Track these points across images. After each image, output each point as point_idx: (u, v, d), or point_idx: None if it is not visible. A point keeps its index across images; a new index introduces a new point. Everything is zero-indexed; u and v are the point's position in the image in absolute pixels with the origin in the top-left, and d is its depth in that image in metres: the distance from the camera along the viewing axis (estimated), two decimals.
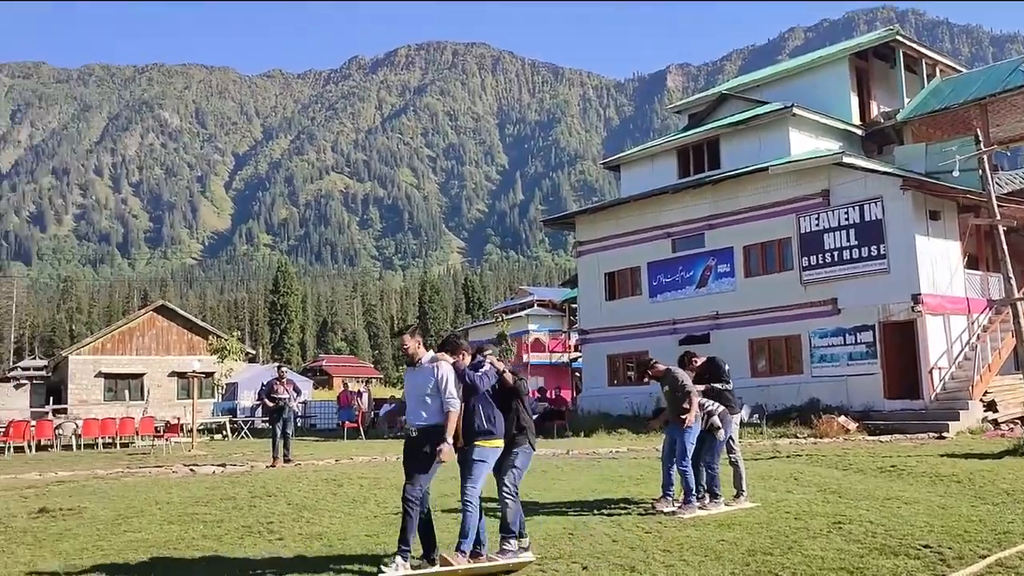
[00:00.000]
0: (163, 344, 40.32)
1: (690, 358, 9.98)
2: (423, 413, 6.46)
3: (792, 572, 6.19)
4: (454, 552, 6.43)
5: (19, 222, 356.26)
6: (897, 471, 12.02)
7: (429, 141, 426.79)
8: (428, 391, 6.45)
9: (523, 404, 7.04)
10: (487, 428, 6.59)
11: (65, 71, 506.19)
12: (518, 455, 6.96)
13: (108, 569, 6.77)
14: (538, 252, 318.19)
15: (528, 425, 7.06)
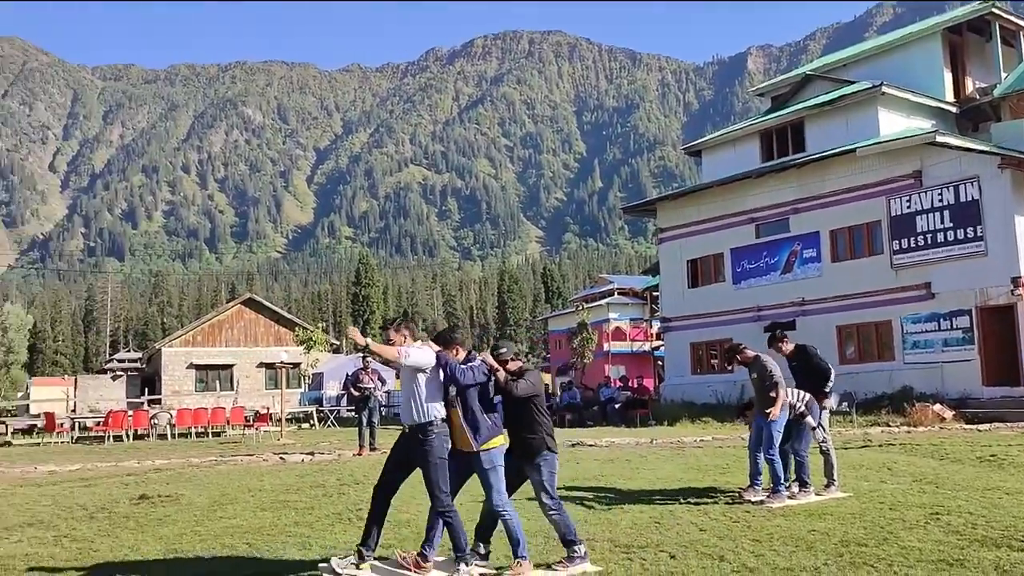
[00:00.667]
0: (251, 336, 41.33)
1: (781, 338, 9.74)
2: (412, 409, 6.01)
3: (888, 564, 6.00)
4: (515, 562, 6.05)
5: (112, 219, 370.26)
6: (997, 461, 11.56)
7: (506, 131, 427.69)
8: (414, 384, 6.01)
9: (537, 406, 6.39)
10: (487, 431, 6.05)
11: (153, 72, 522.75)
12: (541, 467, 6.39)
13: (206, 553, 6.97)
14: (617, 240, 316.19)
15: (546, 428, 6.45)
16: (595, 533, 7.23)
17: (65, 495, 11.13)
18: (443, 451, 5.97)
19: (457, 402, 6.01)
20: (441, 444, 5.94)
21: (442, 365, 5.94)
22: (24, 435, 26.48)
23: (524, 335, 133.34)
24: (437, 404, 5.98)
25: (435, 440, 5.90)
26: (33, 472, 14.57)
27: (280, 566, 6.44)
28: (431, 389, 5.98)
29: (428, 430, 5.90)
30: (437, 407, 5.98)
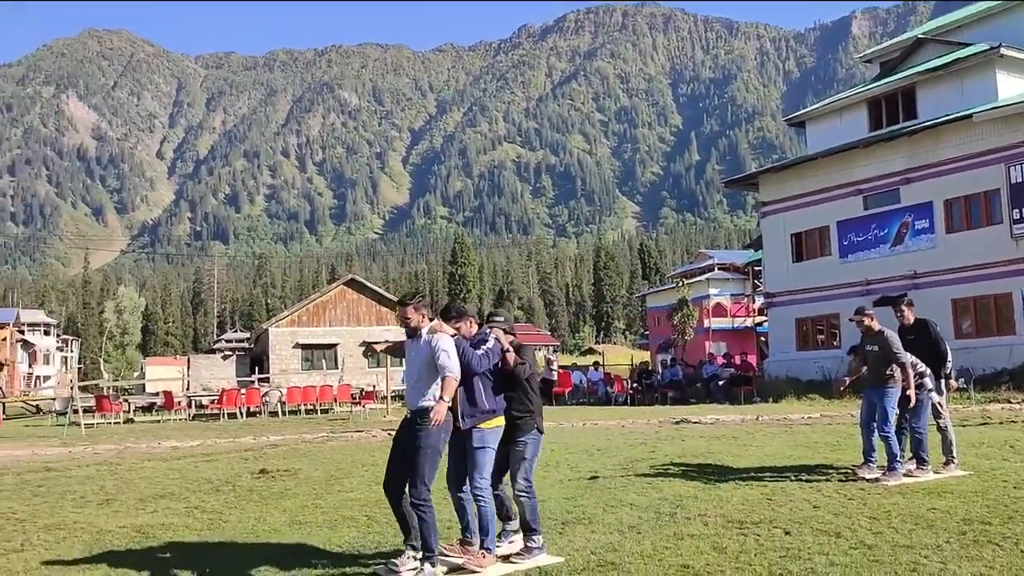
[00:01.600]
0: (354, 316, 42.24)
1: (906, 304, 9.41)
2: (421, 393, 5.58)
3: (1015, 542, 5.81)
4: (480, 552, 5.67)
5: (216, 204, 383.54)
6: None
7: (600, 105, 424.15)
8: (426, 367, 5.54)
9: (530, 384, 6.08)
10: (487, 408, 5.71)
11: (252, 58, 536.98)
12: (527, 445, 6.08)
13: (328, 524, 7.25)
14: (716, 214, 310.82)
15: (536, 407, 6.13)
16: (706, 509, 7.22)
17: (190, 469, 11.70)
18: (439, 442, 5.57)
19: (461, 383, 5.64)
20: (439, 433, 5.53)
21: (459, 353, 5.56)
22: (144, 412, 27.80)
23: (621, 312, 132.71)
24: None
25: (434, 427, 5.48)
26: (157, 447, 15.37)
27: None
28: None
29: (428, 416, 5.48)
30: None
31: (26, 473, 11.79)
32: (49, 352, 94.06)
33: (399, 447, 5.71)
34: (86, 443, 16.73)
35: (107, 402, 24.09)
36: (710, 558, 5.65)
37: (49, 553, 6.65)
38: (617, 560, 5.65)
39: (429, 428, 5.44)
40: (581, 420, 17.59)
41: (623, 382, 25.52)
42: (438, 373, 5.45)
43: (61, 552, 6.67)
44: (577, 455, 11.20)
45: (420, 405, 5.53)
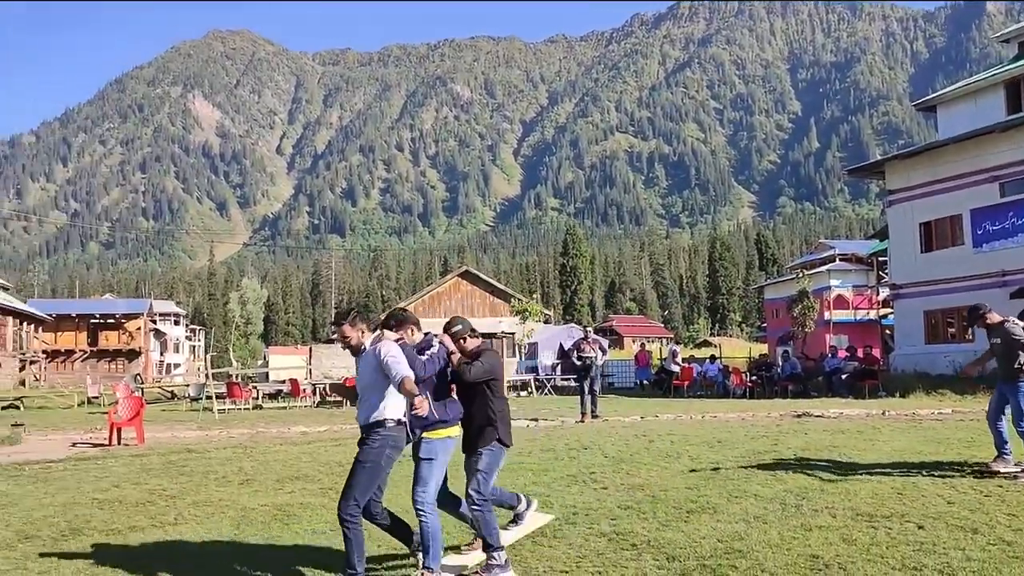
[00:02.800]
0: (468, 307, 42.91)
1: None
2: (372, 407, 5.27)
3: None
4: (421, 572, 5.32)
5: (333, 198, 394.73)
6: None
7: (715, 93, 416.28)
8: (376, 378, 5.24)
9: (491, 390, 5.75)
10: (435, 417, 5.40)
11: (367, 55, 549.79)
12: (482, 456, 5.75)
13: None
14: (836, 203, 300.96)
15: (497, 416, 5.77)
16: (833, 502, 7.14)
17: (321, 453, 12.21)
18: (383, 458, 5.25)
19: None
20: (383, 449, 5.24)
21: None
22: (271, 399, 29.01)
23: (737, 304, 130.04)
24: (395, 402, 5.30)
25: (378, 443, 5.21)
26: (288, 432, 16.07)
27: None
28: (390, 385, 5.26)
29: (376, 432, 5.26)
30: (394, 406, 5.30)
31: (169, 454, 12.55)
32: (179, 341, 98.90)
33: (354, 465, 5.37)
34: (220, 427, 17.64)
35: (237, 389, 25.25)
36: (840, 549, 5.61)
37: (201, 527, 7.13)
38: (744, 548, 5.68)
39: (372, 442, 5.22)
40: (700, 413, 17.44)
41: (742, 375, 25.12)
42: (388, 382, 5.16)
43: (211, 527, 7.14)
44: (698, 447, 11.16)
45: (371, 419, 5.26)
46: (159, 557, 6.14)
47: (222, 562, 5.97)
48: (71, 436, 16.50)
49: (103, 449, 13.73)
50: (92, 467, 11.29)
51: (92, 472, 10.76)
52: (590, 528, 6.52)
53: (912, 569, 5.11)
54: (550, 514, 6.90)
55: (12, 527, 7.30)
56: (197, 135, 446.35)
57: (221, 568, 5.80)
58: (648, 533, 6.25)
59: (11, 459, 12.44)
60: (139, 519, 7.53)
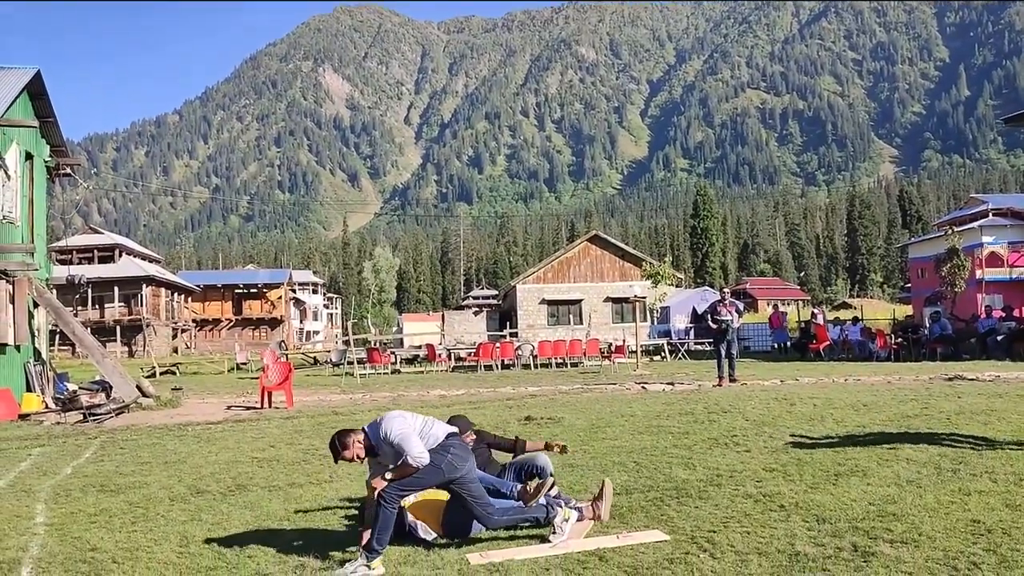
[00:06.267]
0: (597, 271, 42.80)
1: None
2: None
3: None
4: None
5: (460, 166, 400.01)
6: None
7: (853, 43, 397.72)
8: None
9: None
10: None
11: (491, 20, 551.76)
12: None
13: (598, 468, 7.60)
14: (989, 154, 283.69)
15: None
16: (993, 466, 6.84)
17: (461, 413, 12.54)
18: (443, 462, 5.20)
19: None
20: (444, 457, 5.23)
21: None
22: (408, 364, 29.87)
23: (878, 264, 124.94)
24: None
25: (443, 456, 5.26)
26: (427, 395, 16.57)
27: (672, 483, 6.85)
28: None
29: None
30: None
31: (318, 416, 13.17)
32: (317, 309, 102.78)
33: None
34: (363, 391, 18.34)
35: (377, 354, 26.14)
36: (1003, 515, 5.39)
37: (354, 484, 7.47)
38: (898, 512, 5.54)
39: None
40: (843, 376, 16.93)
41: (886, 337, 24.16)
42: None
43: (363, 485, 7.47)
44: (842, 410, 10.88)
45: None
46: (318, 512, 6.50)
47: None
48: (225, 400, 17.54)
49: (256, 412, 14.54)
50: (248, 428, 11.99)
51: (249, 433, 11.43)
52: (735, 489, 6.48)
53: None
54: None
55: (184, 482, 7.88)
56: (328, 108, 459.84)
57: None
58: (795, 495, 6.17)
59: (175, 420, 13.37)
60: (297, 476, 7.97)
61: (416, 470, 5.12)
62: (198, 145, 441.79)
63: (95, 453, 10.10)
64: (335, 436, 5.34)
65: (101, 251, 60.35)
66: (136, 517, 6.50)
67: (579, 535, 5.39)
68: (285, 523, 6.12)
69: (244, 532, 5.87)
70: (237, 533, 5.83)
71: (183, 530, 6.00)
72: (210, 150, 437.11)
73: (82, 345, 17.87)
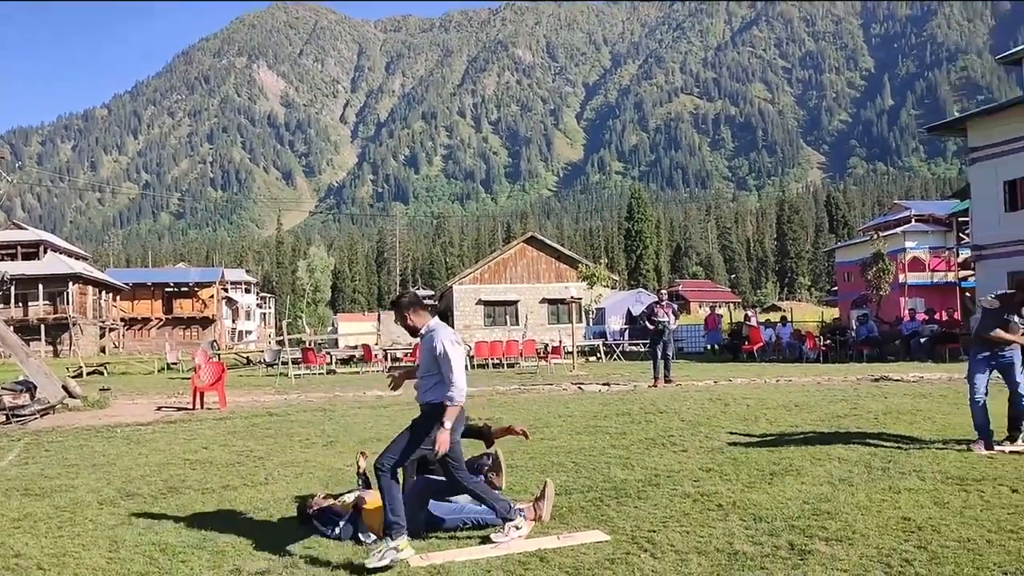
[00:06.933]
0: (533, 273, 42.90)
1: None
2: (427, 388, 5.32)
3: None
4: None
5: (396, 165, 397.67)
6: None
7: (783, 51, 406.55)
8: (432, 366, 5.28)
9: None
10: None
11: (429, 20, 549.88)
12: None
13: (538, 468, 7.60)
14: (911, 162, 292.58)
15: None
16: (921, 465, 7.06)
17: (398, 416, 12.40)
18: (430, 431, 5.25)
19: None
20: (433, 424, 5.26)
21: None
22: (344, 364, 29.54)
23: (806, 267, 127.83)
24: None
25: (432, 420, 5.27)
26: (364, 396, 16.42)
27: (611, 484, 6.88)
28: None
29: (432, 410, 5.31)
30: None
31: (252, 417, 12.92)
32: (250, 308, 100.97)
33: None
34: (298, 392, 18.08)
35: (312, 354, 25.79)
36: (932, 512, 5.55)
37: (291, 486, 7.35)
38: (832, 510, 5.66)
39: (428, 421, 5.26)
40: (775, 377, 17.26)
41: (815, 339, 24.74)
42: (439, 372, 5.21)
43: (300, 486, 7.35)
44: (775, 411, 11.09)
45: (428, 401, 5.32)
46: (254, 513, 6.36)
47: None
48: (155, 400, 17.10)
49: (188, 413, 14.20)
50: (180, 430, 11.70)
51: (180, 434, 11.15)
52: (674, 489, 6.54)
53: (1009, 532, 5.03)
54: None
55: (113, 485, 7.64)
56: (262, 105, 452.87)
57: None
58: (733, 495, 6.26)
59: (103, 422, 12.97)
60: (231, 479, 7.80)
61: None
62: (127, 140, 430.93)
63: (19, 456, 9.74)
64: (409, 293, 5.51)
65: (25, 247, 58.41)
66: (63, 522, 6.28)
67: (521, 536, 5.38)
68: (219, 526, 5.96)
69: (177, 536, 5.71)
70: (169, 537, 5.67)
71: (113, 535, 5.82)
72: (140, 145, 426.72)
73: (4, 344, 17.25)
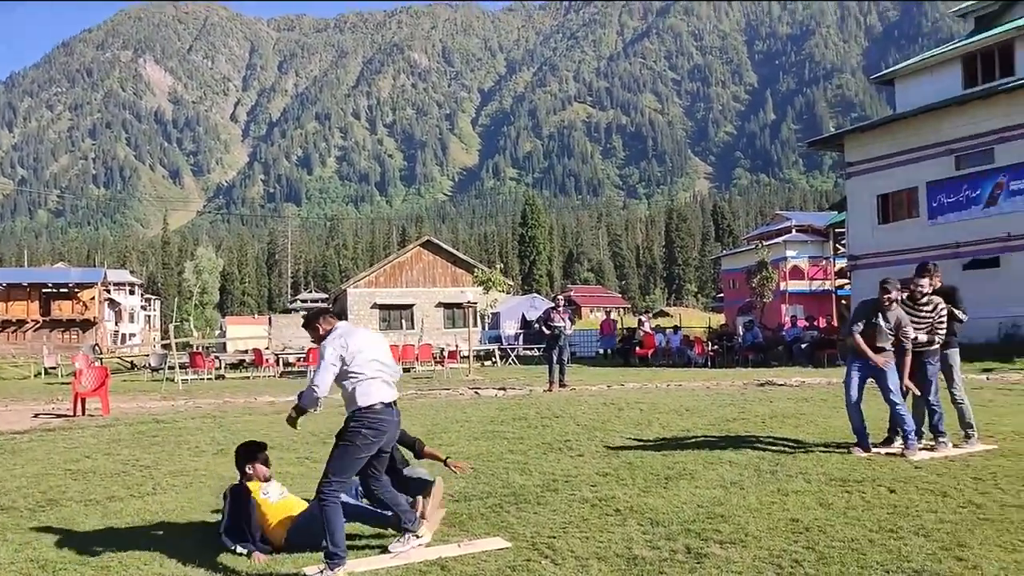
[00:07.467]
0: (429, 277, 42.81)
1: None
2: (344, 394, 5.29)
3: None
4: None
5: (289, 166, 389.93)
6: None
7: (673, 64, 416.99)
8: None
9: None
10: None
11: (323, 21, 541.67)
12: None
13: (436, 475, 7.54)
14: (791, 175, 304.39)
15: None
16: (806, 467, 7.32)
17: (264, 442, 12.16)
18: (358, 438, 5.22)
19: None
20: (359, 431, 5.21)
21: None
22: (233, 369, 28.74)
23: (693, 274, 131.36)
24: (368, 388, 5.23)
25: (354, 425, 5.22)
26: (255, 402, 15.99)
27: (510, 489, 6.90)
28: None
29: (353, 416, 5.28)
30: (366, 393, 5.23)
31: (137, 424, 12.41)
32: (134, 310, 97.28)
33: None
34: (185, 397, 17.48)
35: (200, 359, 25.01)
36: (817, 513, 5.77)
37: (180, 496, 7.10)
38: (725, 513, 5.81)
39: (350, 426, 5.22)
40: (666, 382, 17.68)
41: (703, 344, 25.47)
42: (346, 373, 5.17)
43: (191, 496, 7.11)
44: (667, 415, 11.34)
45: (347, 408, 5.30)
46: (141, 526, 6.12)
47: (207, 530, 5.96)
48: (32, 407, 16.25)
49: (68, 420, 13.55)
50: (59, 438, 11.15)
51: (60, 443, 10.63)
52: (572, 494, 6.61)
53: (889, 531, 5.27)
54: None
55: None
56: (149, 101, 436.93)
57: (206, 535, 5.79)
58: (630, 499, 6.36)
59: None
60: (116, 489, 7.48)
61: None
62: (2, 134, 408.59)
63: None
64: (314, 312, 5.45)
65: None
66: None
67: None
68: (103, 541, 5.69)
69: (57, 552, 5.42)
70: (49, 553, 5.38)
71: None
72: (15, 139, 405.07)
73: None
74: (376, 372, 5.22)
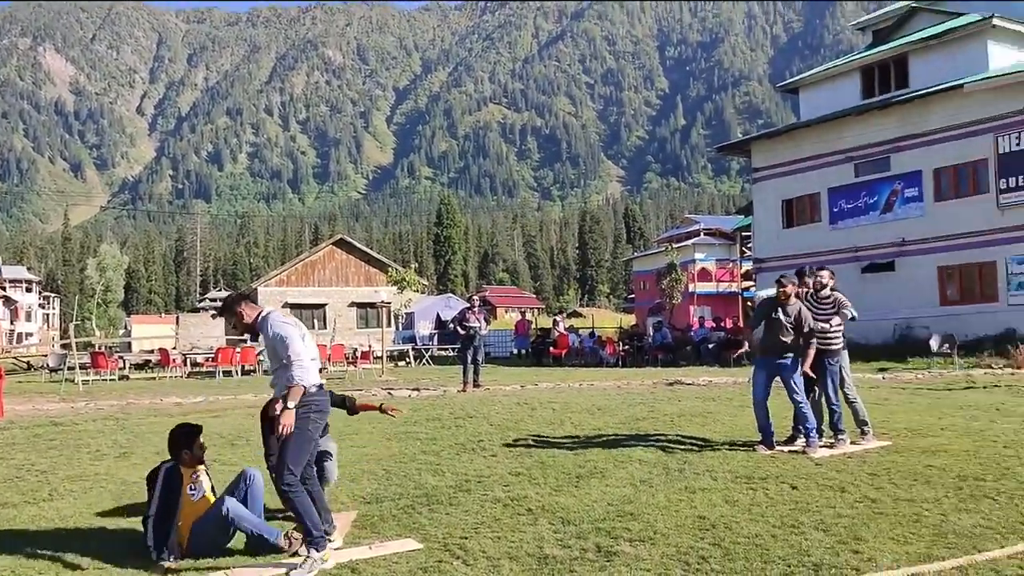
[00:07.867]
0: (342, 276, 42.33)
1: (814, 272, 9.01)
2: (283, 379, 5.15)
3: (1009, 496, 6.14)
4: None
5: (199, 162, 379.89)
6: None
7: (587, 68, 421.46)
8: (276, 356, 5.22)
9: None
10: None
11: (235, 14, 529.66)
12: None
13: (349, 477, 7.49)
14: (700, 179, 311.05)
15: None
16: (713, 465, 7.51)
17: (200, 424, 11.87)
18: (308, 423, 5.18)
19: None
20: (307, 415, 5.16)
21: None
22: (138, 369, 27.88)
23: (605, 276, 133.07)
24: (305, 372, 5.16)
25: (301, 410, 5.10)
26: (161, 403, 15.53)
27: (422, 490, 6.90)
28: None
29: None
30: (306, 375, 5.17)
31: (33, 427, 11.94)
32: (31, 308, 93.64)
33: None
34: (86, 399, 16.85)
35: (103, 358, 24.17)
36: (723, 510, 5.93)
37: (79, 502, 6.87)
38: (635, 511, 5.93)
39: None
40: (578, 381, 17.88)
41: (614, 344, 25.86)
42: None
43: (90, 501, 6.89)
44: (579, 414, 11.48)
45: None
46: (36, 533, 5.90)
47: (105, 536, 5.80)
48: None
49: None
50: None
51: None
52: (484, 494, 6.64)
53: (791, 527, 5.45)
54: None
55: None
56: (49, 91, 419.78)
57: (104, 541, 5.62)
58: (541, 498, 6.43)
59: None
60: (9, 495, 7.19)
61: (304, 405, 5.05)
62: None
63: None
64: (230, 293, 5.29)
65: None
66: None
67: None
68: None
69: None
70: None
71: None
72: None
73: None
74: (312, 356, 5.28)
